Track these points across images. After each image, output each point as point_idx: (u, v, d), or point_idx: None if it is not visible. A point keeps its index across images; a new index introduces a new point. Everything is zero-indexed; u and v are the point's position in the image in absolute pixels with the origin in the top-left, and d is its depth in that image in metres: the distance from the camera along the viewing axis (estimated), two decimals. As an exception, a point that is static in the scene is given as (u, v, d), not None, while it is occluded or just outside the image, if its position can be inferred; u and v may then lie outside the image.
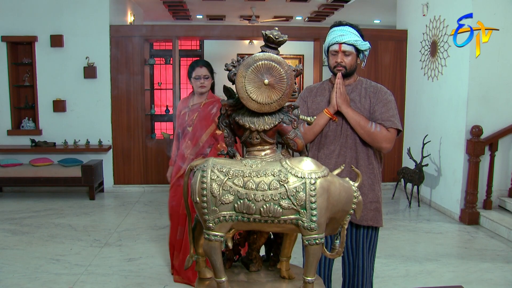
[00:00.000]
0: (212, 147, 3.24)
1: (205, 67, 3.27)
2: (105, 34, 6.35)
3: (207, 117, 3.25)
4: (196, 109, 3.29)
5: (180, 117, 3.35)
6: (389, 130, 2.25)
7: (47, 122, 6.40)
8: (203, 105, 3.29)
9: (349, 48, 2.24)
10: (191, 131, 3.26)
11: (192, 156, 3.23)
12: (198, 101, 3.33)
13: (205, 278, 1.65)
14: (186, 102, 3.38)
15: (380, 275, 3.61)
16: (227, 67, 1.50)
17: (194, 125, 3.25)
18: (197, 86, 3.27)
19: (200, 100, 3.33)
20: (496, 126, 5.00)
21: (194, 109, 3.30)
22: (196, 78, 3.25)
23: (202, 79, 3.26)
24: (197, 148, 3.23)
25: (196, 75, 3.25)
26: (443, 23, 5.48)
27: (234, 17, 10.66)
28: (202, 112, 3.27)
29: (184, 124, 3.30)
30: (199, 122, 3.24)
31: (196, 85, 3.28)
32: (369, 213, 2.31)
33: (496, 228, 4.70)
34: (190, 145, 3.25)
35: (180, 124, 3.34)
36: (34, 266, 3.74)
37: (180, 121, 3.35)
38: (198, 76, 3.25)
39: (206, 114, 3.26)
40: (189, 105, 3.33)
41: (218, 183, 1.41)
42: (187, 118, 3.29)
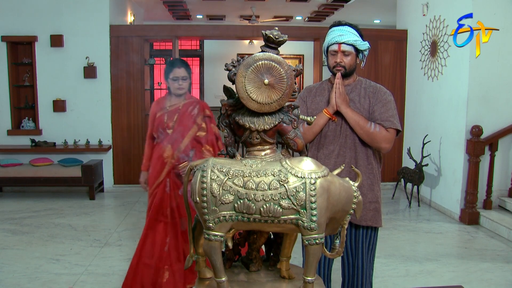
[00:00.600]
0: (196, 150, 3.06)
1: (183, 67, 3.09)
2: (105, 34, 6.34)
3: (188, 119, 3.09)
4: (175, 111, 3.10)
5: (157, 119, 3.13)
6: (388, 130, 2.25)
7: (47, 122, 6.40)
8: (182, 106, 3.11)
9: (348, 48, 2.24)
10: (171, 134, 3.07)
11: (173, 161, 3.05)
12: (176, 102, 3.14)
13: (205, 278, 1.65)
14: (162, 103, 3.17)
15: (380, 275, 3.61)
16: (227, 67, 1.50)
17: (175, 128, 3.06)
18: (175, 87, 3.09)
19: (178, 101, 3.14)
20: (496, 126, 5.00)
21: (172, 111, 3.10)
22: (174, 79, 3.07)
23: (180, 81, 3.08)
24: (178, 152, 3.04)
25: (174, 76, 3.07)
26: (443, 23, 5.48)
27: (234, 17, 10.66)
28: (183, 114, 3.10)
29: (162, 126, 3.10)
30: (180, 124, 3.07)
31: (174, 87, 3.09)
32: (368, 213, 2.31)
33: (496, 228, 4.70)
34: (170, 149, 3.06)
35: (157, 127, 3.13)
36: (34, 266, 3.74)
37: (157, 123, 3.13)
38: (176, 77, 3.07)
39: (187, 116, 3.09)
40: (166, 107, 3.13)
41: (218, 183, 1.41)
42: (166, 120, 3.09)
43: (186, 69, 3.10)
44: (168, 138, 3.07)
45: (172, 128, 3.06)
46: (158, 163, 3.11)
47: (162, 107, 3.15)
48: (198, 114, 3.10)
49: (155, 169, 3.13)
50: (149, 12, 9.55)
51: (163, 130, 3.09)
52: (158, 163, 3.11)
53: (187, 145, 3.05)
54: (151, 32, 6.65)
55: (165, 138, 3.09)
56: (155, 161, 3.14)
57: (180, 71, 3.07)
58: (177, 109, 3.11)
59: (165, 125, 3.08)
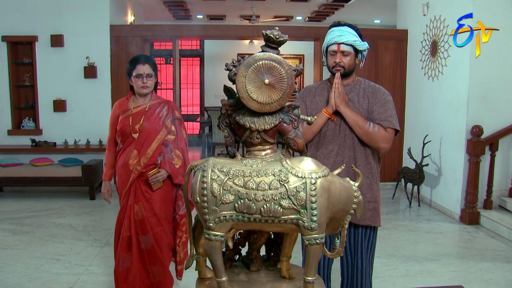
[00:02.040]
0: (164, 156, 2.79)
1: (147, 64, 2.76)
2: (106, 34, 6.34)
3: (156, 122, 2.79)
4: (141, 113, 2.79)
5: (120, 123, 2.81)
6: (387, 130, 2.25)
7: (47, 122, 6.40)
8: (149, 107, 2.81)
9: (347, 48, 2.24)
10: (138, 139, 2.76)
11: (139, 168, 2.75)
12: (141, 103, 2.83)
13: (206, 278, 1.65)
14: (125, 105, 2.85)
15: (380, 275, 3.61)
16: (227, 67, 1.50)
17: (141, 132, 2.76)
18: (139, 86, 2.75)
19: (144, 102, 2.83)
20: (497, 126, 5.00)
21: (138, 113, 2.79)
22: (138, 76, 2.73)
23: (144, 78, 2.74)
24: (146, 159, 2.75)
25: (137, 74, 2.73)
26: (444, 23, 5.48)
27: (234, 17, 10.65)
28: (150, 116, 2.79)
29: (127, 130, 2.77)
30: (147, 127, 2.77)
31: (137, 85, 2.76)
32: (367, 213, 2.32)
33: (496, 228, 4.70)
34: (137, 154, 2.77)
35: (120, 131, 2.80)
36: (35, 266, 3.74)
37: (120, 127, 2.80)
38: (139, 75, 2.73)
39: (154, 118, 2.79)
40: (130, 109, 2.80)
41: (218, 183, 1.42)
42: (131, 123, 2.76)
43: (151, 66, 2.78)
44: (134, 143, 2.77)
45: (138, 132, 2.76)
46: (123, 171, 2.80)
47: (125, 109, 2.82)
48: (167, 116, 2.83)
49: (121, 178, 2.82)
50: (149, 12, 9.55)
51: (128, 134, 2.78)
52: (123, 171, 2.80)
53: (155, 150, 2.77)
54: (151, 32, 6.65)
55: (130, 143, 2.79)
56: (120, 169, 2.82)
57: (144, 68, 2.74)
58: (143, 111, 2.80)
59: (130, 129, 2.77)
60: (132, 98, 2.86)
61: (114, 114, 2.88)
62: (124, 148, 2.81)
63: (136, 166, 2.76)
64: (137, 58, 2.78)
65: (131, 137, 2.77)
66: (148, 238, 2.79)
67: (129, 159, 2.77)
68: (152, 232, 2.79)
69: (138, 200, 2.79)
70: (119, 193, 2.87)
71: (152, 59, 2.86)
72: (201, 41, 11.21)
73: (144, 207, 2.78)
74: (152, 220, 2.80)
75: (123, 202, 2.84)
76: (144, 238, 2.79)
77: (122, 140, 2.82)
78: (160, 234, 2.82)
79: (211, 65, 11.09)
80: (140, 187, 2.79)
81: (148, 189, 2.79)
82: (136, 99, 2.85)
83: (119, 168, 2.85)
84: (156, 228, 2.80)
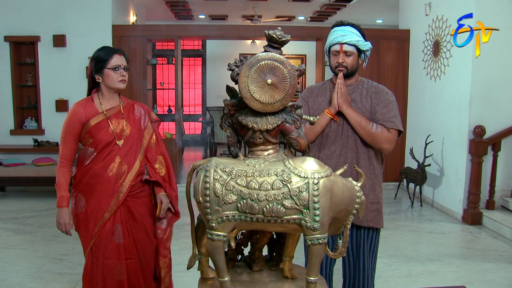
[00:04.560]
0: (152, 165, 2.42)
1: (123, 56, 2.36)
2: (108, 34, 6.35)
3: (137, 125, 2.40)
4: (118, 115, 2.35)
5: (93, 129, 2.29)
6: (390, 131, 2.24)
7: (49, 122, 6.41)
8: (124, 108, 2.39)
9: (350, 48, 2.23)
10: (123, 146, 2.32)
11: (129, 182, 2.31)
12: (113, 104, 2.37)
13: (208, 278, 1.65)
14: (91, 107, 2.32)
15: (382, 275, 3.60)
16: (230, 67, 1.50)
17: (128, 138, 2.34)
18: (116, 80, 2.29)
19: (115, 102, 2.38)
20: (499, 126, 4.99)
21: (114, 116, 2.34)
22: (115, 69, 2.28)
23: (122, 71, 2.32)
24: (135, 170, 2.34)
25: (116, 65, 2.28)
26: (446, 23, 5.47)
27: (236, 17, 10.66)
28: (130, 119, 2.39)
29: (108, 137, 2.30)
30: (133, 132, 2.37)
31: (113, 79, 2.29)
32: (369, 214, 2.31)
33: (499, 228, 4.69)
34: (124, 165, 2.31)
35: (97, 140, 2.29)
36: (37, 266, 3.75)
37: (96, 134, 2.29)
38: (117, 66, 2.29)
39: (135, 121, 2.40)
40: (103, 111, 2.32)
41: (221, 183, 1.42)
42: (113, 128, 2.31)
43: (126, 59, 2.38)
44: (118, 152, 2.31)
45: (124, 138, 2.33)
46: (103, 192, 2.28)
47: (94, 112, 2.31)
48: (145, 118, 2.45)
49: (100, 202, 2.28)
50: (151, 12, 9.56)
51: (108, 142, 2.30)
52: (103, 192, 2.28)
53: (142, 159, 2.38)
54: (153, 32, 6.65)
55: (111, 152, 2.30)
56: (96, 188, 2.28)
57: (121, 59, 2.32)
58: (118, 112, 2.36)
59: (113, 135, 2.30)
60: (98, 98, 2.35)
61: (76, 121, 2.29)
62: (100, 159, 2.30)
63: (126, 182, 2.30)
64: (110, 48, 2.36)
65: (113, 145, 2.31)
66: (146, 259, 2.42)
67: (114, 173, 2.29)
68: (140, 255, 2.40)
69: (128, 220, 2.36)
70: (92, 221, 2.29)
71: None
72: (203, 41, 11.21)
73: (134, 229, 2.38)
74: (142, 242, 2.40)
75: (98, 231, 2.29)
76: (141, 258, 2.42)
77: (98, 150, 2.30)
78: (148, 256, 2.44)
79: (213, 65, 11.09)
80: (129, 207, 2.37)
81: (134, 204, 2.38)
82: (104, 99, 2.35)
83: (95, 185, 2.28)
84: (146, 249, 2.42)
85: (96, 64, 2.30)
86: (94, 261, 2.31)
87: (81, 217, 2.31)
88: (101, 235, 2.29)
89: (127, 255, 2.35)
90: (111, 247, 2.31)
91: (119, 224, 2.33)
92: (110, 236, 2.31)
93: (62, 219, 2.31)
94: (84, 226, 2.30)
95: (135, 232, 2.38)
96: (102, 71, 2.29)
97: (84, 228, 2.30)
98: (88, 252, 2.32)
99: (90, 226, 2.29)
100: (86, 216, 2.29)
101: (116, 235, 2.32)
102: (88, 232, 2.29)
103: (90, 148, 2.31)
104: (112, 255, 2.31)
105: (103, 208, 2.29)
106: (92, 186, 2.29)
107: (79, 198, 2.32)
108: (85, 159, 2.32)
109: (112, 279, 2.32)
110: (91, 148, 2.31)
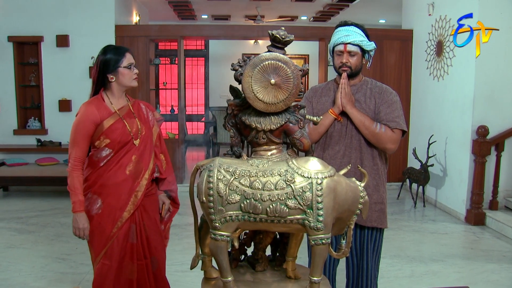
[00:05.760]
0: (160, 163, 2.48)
1: (132, 53, 2.37)
2: (111, 34, 6.36)
3: (148, 124, 2.42)
4: (130, 114, 2.34)
5: (109, 130, 2.26)
6: (394, 131, 2.24)
7: (52, 122, 6.43)
8: (133, 106, 2.39)
9: (354, 48, 2.23)
10: (139, 146, 2.32)
11: (146, 182, 2.33)
12: (122, 103, 2.35)
13: (211, 278, 1.65)
14: (103, 106, 2.29)
15: (385, 276, 3.60)
16: (233, 67, 1.50)
17: (143, 137, 2.35)
18: (131, 78, 2.30)
19: (124, 101, 2.37)
20: (502, 126, 4.97)
21: (127, 115, 2.33)
22: (129, 67, 2.29)
23: (135, 69, 2.34)
24: (150, 168, 2.37)
25: (129, 63, 2.29)
26: (449, 23, 5.46)
27: (239, 17, 10.66)
28: (142, 118, 2.40)
29: (126, 138, 2.29)
30: (147, 132, 2.39)
31: (128, 77, 2.30)
32: (373, 214, 2.31)
33: (502, 229, 4.67)
34: (141, 164, 2.32)
35: (114, 140, 2.27)
36: (40, 265, 3.76)
37: (113, 135, 2.26)
38: (130, 64, 2.30)
39: (146, 120, 2.42)
40: (115, 111, 2.30)
41: (224, 183, 1.42)
42: (129, 128, 2.30)
43: (134, 57, 2.38)
44: (135, 151, 2.31)
45: (139, 137, 2.33)
46: (121, 192, 2.27)
47: (108, 113, 2.28)
48: (152, 117, 2.47)
49: (118, 202, 2.27)
50: (154, 12, 9.57)
51: (126, 142, 2.29)
52: (121, 192, 2.27)
53: (153, 158, 2.41)
54: (156, 32, 6.66)
55: (128, 151, 2.30)
56: (113, 189, 2.27)
57: (132, 57, 2.34)
58: (129, 112, 2.35)
59: (131, 135, 2.30)
60: (108, 97, 2.33)
61: (90, 122, 2.24)
62: (117, 159, 2.28)
63: (143, 180, 2.32)
64: (121, 47, 2.36)
65: (130, 145, 2.30)
66: (154, 260, 2.42)
67: (131, 173, 2.30)
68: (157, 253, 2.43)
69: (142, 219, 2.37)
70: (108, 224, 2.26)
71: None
72: (206, 41, 11.22)
73: (148, 227, 2.39)
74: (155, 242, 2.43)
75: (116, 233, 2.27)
76: (152, 259, 2.41)
77: (115, 150, 2.28)
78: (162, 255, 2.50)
79: (216, 65, 11.10)
80: (144, 206, 2.39)
81: (148, 202, 2.40)
82: (114, 98, 2.33)
83: (110, 188, 2.27)
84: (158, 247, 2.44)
85: (109, 63, 2.28)
86: (108, 263, 2.27)
87: (97, 219, 2.27)
88: (119, 236, 2.27)
89: (139, 255, 2.34)
90: (127, 247, 2.31)
91: (134, 224, 2.32)
92: (127, 236, 2.30)
93: (80, 224, 2.25)
94: (99, 228, 2.27)
95: (148, 230, 2.38)
96: (116, 70, 2.28)
97: (100, 230, 2.27)
98: (103, 256, 2.28)
99: (108, 228, 2.26)
100: (103, 218, 2.26)
101: (131, 235, 2.31)
102: (104, 234, 2.26)
103: (108, 149, 2.27)
104: (126, 255, 2.31)
105: (121, 208, 2.27)
106: (109, 187, 2.26)
107: (94, 200, 2.28)
108: (100, 160, 2.28)
109: (123, 278, 2.31)
110: (109, 149, 2.27)
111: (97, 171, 2.28)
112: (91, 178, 2.30)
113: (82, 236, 2.27)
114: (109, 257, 2.27)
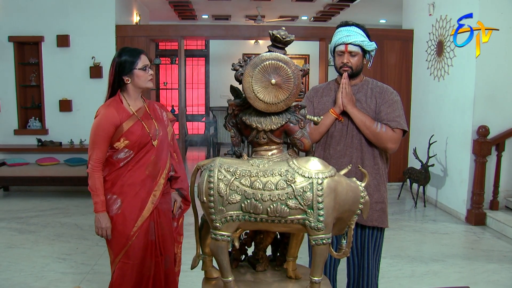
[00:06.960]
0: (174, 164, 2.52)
1: (146, 56, 2.39)
2: (111, 34, 6.36)
3: (164, 125, 2.47)
4: (147, 116, 2.38)
5: (129, 132, 2.29)
6: (394, 131, 2.24)
7: (53, 122, 6.43)
8: (148, 107, 2.43)
9: (355, 48, 2.23)
10: (157, 146, 2.36)
11: (163, 181, 2.40)
12: (138, 104, 2.38)
13: (212, 278, 1.65)
14: (122, 108, 2.31)
15: (386, 276, 3.59)
16: (234, 67, 1.50)
17: (161, 138, 2.39)
18: (146, 79, 2.33)
19: (139, 102, 2.40)
20: (503, 126, 4.97)
21: (144, 116, 2.36)
22: (144, 68, 2.32)
23: (149, 69, 2.36)
24: (167, 168, 2.43)
25: (144, 64, 2.31)
26: (450, 23, 5.45)
27: (239, 17, 10.66)
28: (158, 119, 2.45)
29: (146, 139, 2.32)
30: (164, 132, 2.44)
31: (145, 78, 2.32)
32: (374, 213, 2.31)
33: (502, 229, 4.67)
34: (159, 164, 2.37)
35: (135, 142, 2.30)
36: (41, 265, 3.76)
37: (133, 136, 2.29)
38: (145, 66, 2.32)
39: (161, 121, 2.46)
40: (133, 112, 2.33)
41: (225, 183, 1.42)
42: (148, 129, 2.33)
43: (149, 58, 2.40)
44: (154, 152, 2.35)
45: (157, 138, 2.37)
46: (141, 192, 2.32)
47: (127, 114, 2.31)
48: (166, 117, 2.52)
49: (138, 202, 2.32)
50: (154, 12, 9.58)
51: (145, 143, 2.33)
52: (141, 192, 2.32)
53: (169, 157, 2.46)
54: (156, 32, 6.67)
55: (146, 152, 2.34)
56: (133, 189, 2.31)
57: (147, 59, 2.36)
58: (146, 113, 2.39)
59: (150, 137, 2.33)
60: (124, 98, 2.35)
61: (110, 124, 2.27)
62: (136, 160, 2.33)
63: (161, 180, 2.38)
64: (136, 49, 2.38)
65: (149, 146, 2.34)
66: (168, 258, 2.47)
67: (149, 173, 2.35)
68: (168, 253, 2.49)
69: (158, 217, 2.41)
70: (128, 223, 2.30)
71: None
72: (207, 41, 11.22)
73: (163, 225, 2.44)
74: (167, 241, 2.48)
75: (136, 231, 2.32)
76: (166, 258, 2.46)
77: (135, 151, 2.32)
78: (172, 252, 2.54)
79: (217, 65, 11.10)
80: (161, 205, 2.43)
81: (163, 200, 2.44)
82: (131, 99, 2.36)
83: (129, 187, 2.31)
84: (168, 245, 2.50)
85: (124, 65, 2.29)
86: (129, 261, 2.32)
87: (116, 219, 2.30)
88: (139, 235, 2.32)
89: (156, 252, 2.39)
90: (147, 244, 2.35)
91: (152, 222, 2.37)
92: (147, 234, 2.34)
93: (103, 223, 2.29)
94: (119, 228, 2.30)
95: (164, 228, 2.43)
96: (131, 71, 2.30)
97: (120, 230, 2.30)
98: (123, 256, 2.32)
99: (127, 228, 2.30)
100: (124, 217, 2.30)
101: (150, 232, 2.36)
102: (124, 234, 2.30)
103: (128, 150, 2.31)
104: (146, 252, 2.35)
105: (141, 208, 2.32)
106: (129, 187, 2.31)
107: (114, 200, 2.32)
108: (120, 161, 2.31)
109: (141, 274, 2.36)
110: (129, 150, 2.31)
111: (116, 172, 2.32)
112: (110, 179, 2.33)
113: (105, 235, 2.32)
114: (130, 256, 2.32)
